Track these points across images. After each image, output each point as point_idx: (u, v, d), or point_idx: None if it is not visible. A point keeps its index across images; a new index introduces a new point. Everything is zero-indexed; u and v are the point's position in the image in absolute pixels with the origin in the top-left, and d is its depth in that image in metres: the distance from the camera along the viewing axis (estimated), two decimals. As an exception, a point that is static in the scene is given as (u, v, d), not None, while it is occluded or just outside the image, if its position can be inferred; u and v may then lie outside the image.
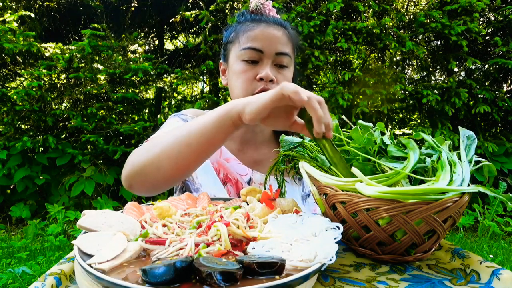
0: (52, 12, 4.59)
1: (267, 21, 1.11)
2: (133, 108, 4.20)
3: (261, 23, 1.10)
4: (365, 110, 3.69)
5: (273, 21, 1.12)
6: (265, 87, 1.05)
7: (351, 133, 0.76)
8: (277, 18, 1.15)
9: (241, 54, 1.08)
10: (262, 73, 1.04)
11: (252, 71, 1.07)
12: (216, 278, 0.46)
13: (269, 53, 1.07)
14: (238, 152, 1.18)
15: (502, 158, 3.83)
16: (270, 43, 1.07)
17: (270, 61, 1.07)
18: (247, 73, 1.07)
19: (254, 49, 1.06)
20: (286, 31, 1.12)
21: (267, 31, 1.08)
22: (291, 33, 1.14)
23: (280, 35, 1.09)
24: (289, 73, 1.11)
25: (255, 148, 1.20)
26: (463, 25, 3.64)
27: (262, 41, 1.07)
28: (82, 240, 0.57)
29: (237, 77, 1.09)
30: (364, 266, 0.65)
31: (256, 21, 1.11)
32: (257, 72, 1.06)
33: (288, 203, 0.73)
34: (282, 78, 1.09)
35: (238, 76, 1.09)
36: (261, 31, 1.08)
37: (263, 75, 1.04)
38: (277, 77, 1.07)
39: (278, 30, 1.10)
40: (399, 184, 0.66)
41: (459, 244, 3.22)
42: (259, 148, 1.21)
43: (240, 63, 1.08)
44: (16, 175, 3.66)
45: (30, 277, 2.33)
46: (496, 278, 0.58)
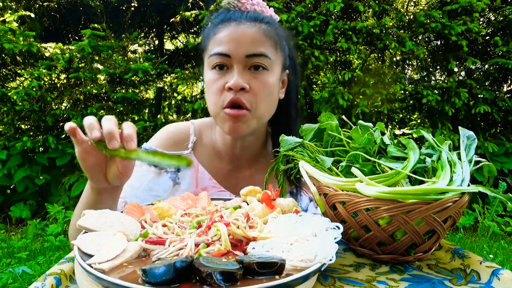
0: (52, 12, 4.59)
1: (239, 18, 0.96)
2: (133, 108, 4.20)
3: (230, 22, 0.95)
4: (365, 110, 3.69)
5: (246, 18, 0.96)
6: (235, 97, 0.91)
7: (351, 133, 0.76)
8: (253, 13, 0.98)
9: (209, 62, 0.95)
10: (230, 81, 0.91)
11: (220, 80, 0.93)
12: (216, 278, 0.46)
13: (238, 56, 0.92)
14: (229, 173, 1.08)
15: (502, 158, 3.83)
16: (238, 45, 0.92)
17: (241, 65, 0.92)
18: (216, 83, 0.94)
19: (220, 54, 0.92)
20: (263, 26, 0.96)
21: (236, 30, 0.93)
22: (271, 29, 0.98)
23: (252, 33, 0.93)
24: (270, 76, 0.95)
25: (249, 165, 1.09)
26: (463, 25, 3.64)
27: (229, 43, 0.92)
28: (82, 240, 0.57)
29: (208, 89, 0.97)
30: (364, 266, 0.65)
31: (226, 21, 0.97)
32: (227, 80, 0.92)
33: (288, 203, 0.73)
34: (258, 84, 0.93)
35: (208, 88, 0.97)
36: (228, 32, 0.94)
37: (231, 84, 0.90)
38: (251, 84, 0.93)
39: (250, 27, 0.94)
40: (399, 184, 0.66)
41: (459, 244, 3.22)
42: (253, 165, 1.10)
43: (210, 72, 0.96)
44: (16, 175, 3.66)
45: (30, 277, 2.33)
46: (496, 278, 0.58)
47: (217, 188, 1.06)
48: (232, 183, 1.08)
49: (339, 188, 0.66)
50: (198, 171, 1.07)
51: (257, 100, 0.94)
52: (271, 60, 0.95)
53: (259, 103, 0.94)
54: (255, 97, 0.93)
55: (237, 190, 1.03)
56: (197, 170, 1.08)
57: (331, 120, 0.80)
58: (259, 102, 0.94)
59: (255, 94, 0.93)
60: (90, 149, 0.74)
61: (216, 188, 1.06)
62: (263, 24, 0.96)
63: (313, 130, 0.82)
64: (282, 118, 1.07)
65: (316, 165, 0.74)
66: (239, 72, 0.92)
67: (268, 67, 0.95)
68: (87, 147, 0.74)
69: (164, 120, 4.21)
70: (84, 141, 0.73)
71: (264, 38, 0.94)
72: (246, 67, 0.93)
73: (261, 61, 0.93)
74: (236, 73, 0.92)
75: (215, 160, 1.10)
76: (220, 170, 1.08)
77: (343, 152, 0.76)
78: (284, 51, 1.02)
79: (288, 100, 1.07)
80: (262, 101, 0.95)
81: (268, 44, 0.95)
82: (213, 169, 1.08)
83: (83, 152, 0.74)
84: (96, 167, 0.76)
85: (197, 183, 1.06)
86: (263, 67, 0.94)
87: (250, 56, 0.93)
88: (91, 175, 0.78)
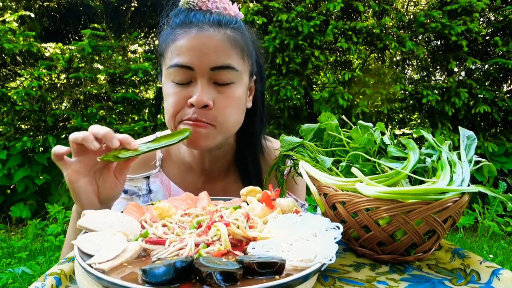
0: (52, 12, 4.59)
1: (201, 22, 0.85)
2: (133, 108, 4.20)
3: (191, 27, 0.84)
4: (365, 110, 3.69)
5: (209, 21, 0.85)
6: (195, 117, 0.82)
7: (351, 133, 0.76)
8: (217, 16, 0.87)
9: (168, 72, 0.85)
10: (193, 97, 0.82)
11: (181, 93, 0.84)
12: (216, 278, 0.46)
13: (202, 69, 0.82)
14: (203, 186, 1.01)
15: (502, 158, 3.83)
16: (202, 55, 0.82)
17: (205, 79, 0.83)
18: (176, 97, 0.84)
19: (181, 66, 0.82)
20: (228, 32, 0.85)
21: (198, 39, 0.82)
22: (237, 34, 0.88)
23: (216, 41, 0.83)
24: (236, 90, 0.87)
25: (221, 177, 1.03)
26: (463, 25, 3.64)
27: (191, 53, 0.82)
28: (82, 240, 0.57)
29: (166, 100, 0.87)
30: (364, 266, 0.65)
31: (186, 26, 0.85)
32: (189, 94, 0.83)
33: (288, 203, 0.73)
34: (225, 99, 0.85)
35: (166, 99, 0.87)
36: (189, 40, 0.83)
37: (193, 101, 0.81)
38: (216, 100, 0.84)
39: (215, 34, 0.83)
40: (399, 184, 0.66)
41: (459, 244, 3.22)
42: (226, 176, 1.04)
43: (169, 83, 0.86)
44: (16, 175, 3.66)
45: (30, 277, 2.33)
46: (496, 278, 0.58)
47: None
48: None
49: (339, 188, 0.66)
50: (170, 189, 1.02)
51: (222, 117, 0.86)
52: (238, 72, 0.86)
53: (225, 119, 0.87)
54: (220, 114, 0.85)
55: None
56: (169, 188, 1.02)
57: (331, 120, 0.80)
58: (224, 118, 0.86)
59: (219, 110, 0.85)
60: (79, 168, 0.73)
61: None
62: (228, 29, 0.86)
63: (313, 130, 0.82)
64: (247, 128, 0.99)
65: (316, 165, 0.74)
66: (202, 87, 0.83)
67: (235, 80, 0.86)
68: (76, 167, 0.73)
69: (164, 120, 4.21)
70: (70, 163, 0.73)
71: (230, 47, 0.85)
72: (210, 80, 0.84)
73: (227, 75, 0.84)
74: (200, 88, 0.82)
75: (186, 175, 1.03)
76: (193, 185, 1.02)
77: (343, 152, 0.76)
78: (251, 57, 0.93)
79: (255, 108, 0.99)
80: (228, 116, 0.87)
81: (235, 54, 0.86)
82: (186, 184, 1.02)
83: (73, 173, 0.73)
84: (88, 186, 0.75)
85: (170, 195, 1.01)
86: (229, 82, 0.85)
87: (215, 68, 0.83)
88: (83, 196, 0.75)
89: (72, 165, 0.73)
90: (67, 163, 0.73)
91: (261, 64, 1.00)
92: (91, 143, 0.70)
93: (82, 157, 0.74)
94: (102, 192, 0.77)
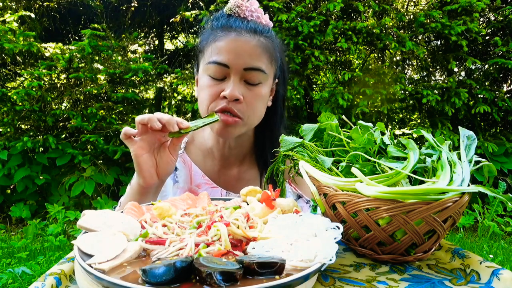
0: (52, 12, 4.59)
1: (239, 28, 0.98)
2: (133, 108, 4.20)
3: (231, 31, 0.98)
4: (365, 110, 3.69)
5: (247, 28, 0.98)
6: (227, 106, 0.96)
7: (351, 133, 0.76)
8: (253, 24, 1.00)
9: (207, 67, 0.99)
10: (226, 91, 0.95)
11: (216, 86, 0.97)
12: (216, 278, 0.46)
13: (236, 68, 0.95)
14: (220, 170, 1.14)
15: (502, 158, 3.83)
16: (238, 57, 0.95)
17: (238, 77, 0.96)
18: (211, 89, 0.98)
19: (219, 63, 0.96)
20: (262, 39, 0.99)
21: (236, 42, 0.96)
22: (269, 41, 1.01)
23: (251, 46, 0.96)
24: (262, 89, 1.00)
25: (237, 164, 1.15)
26: (463, 25, 3.64)
27: (229, 54, 0.95)
28: (82, 240, 0.57)
29: (202, 92, 1.01)
30: (364, 266, 0.65)
31: (226, 29, 0.98)
32: (223, 88, 0.96)
33: (288, 203, 0.73)
34: (252, 96, 0.98)
35: (203, 91, 1.00)
36: (228, 42, 0.96)
37: (226, 94, 0.94)
38: (245, 96, 0.97)
39: (250, 39, 0.97)
40: (399, 184, 0.66)
41: (459, 244, 3.22)
42: (242, 164, 1.15)
43: (206, 77, 0.99)
44: (16, 175, 3.66)
45: (30, 277, 2.33)
46: (496, 278, 0.58)
47: (209, 184, 1.12)
48: (223, 180, 1.14)
49: (339, 188, 0.66)
50: (191, 169, 1.14)
51: (249, 111, 0.99)
52: (266, 74, 0.99)
53: (251, 113, 1.00)
54: (247, 108, 0.99)
55: (227, 187, 1.13)
56: (190, 168, 1.14)
57: (331, 120, 0.80)
58: (250, 112, 1.00)
59: (247, 105, 0.98)
60: (143, 145, 0.89)
61: (208, 184, 1.12)
62: (261, 37, 0.99)
63: (313, 130, 0.82)
64: (265, 125, 1.12)
65: (316, 165, 0.74)
66: (235, 83, 0.96)
67: (263, 81, 1.00)
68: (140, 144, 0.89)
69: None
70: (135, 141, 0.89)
71: (262, 52, 0.98)
72: (242, 78, 0.97)
73: (257, 76, 0.98)
74: (233, 84, 0.95)
75: (207, 159, 1.15)
76: (211, 168, 1.14)
77: (343, 152, 0.76)
78: (277, 62, 1.06)
79: (275, 108, 1.12)
80: (254, 111, 1.01)
81: (265, 58, 0.99)
82: (205, 167, 1.14)
83: (138, 149, 0.89)
84: (149, 160, 0.90)
85: (191, 180, 1.12)
86: (257, 82, 0.98)
87: (248, 69, 0.96)
88: (145, 169, 0.90)
89: (137, 142, 0.89)
90: (133, 140, 0.89)
91: (284, 70, 1.13)
92: (155, 122, 0.85)
93: (145, 135, 0.89)
94: (160, 167, 0.92)
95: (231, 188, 1.13)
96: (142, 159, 0.89)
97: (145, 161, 0.89)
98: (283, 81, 1.13)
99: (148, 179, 0.91)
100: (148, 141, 0.90)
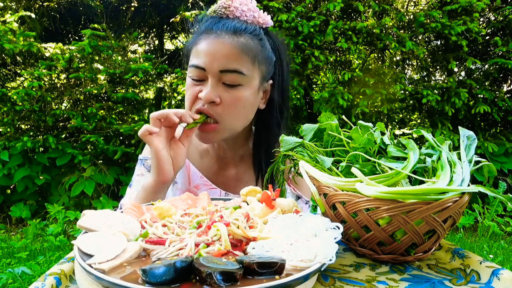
0: (52, 12, 4.59)
1: (220, 30, 0.97)
2: (133, 108, 4.19)
3: (211, 34, 0.97)
4: (365, 110, 3.69)
5: (227, 29, 0.97)
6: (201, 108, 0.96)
7: (351, 133, 0.76)
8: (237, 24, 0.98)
9: (189, 70, 1.01)
10: (202, 93, 0.95)
11: (195, 88, 0.99)
12: (216, 278, 0.46)
13: (212, 70, 0.95)
14: (218, 171, 1.14)
15: (502, 158, 3.83)
16: (213, 59, 0.94)
17: (215, 79, 0.95)
18: (191, 90, 1.00)
19: (196, 66, 0.96)
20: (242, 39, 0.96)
21: (213, 44, 0.95)
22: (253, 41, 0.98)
23: (228, 48, 0.94)
24: (244, 91, 0.97)
25: (235, 165, 1.15)
26: (463, 25, 3.64)
27: (205, 56, 0.95)
28: (82, 240, 0.57)
29: (186, 93, 1.03)
30: (364, 266, 0.65)
31: (207, 32, 0.98)
32: (201, 90, 0.97)
33: (288, 203, 0.73)
34: (231, 98, 0.96)
35: (186, 93, 1.03)
36: (206, 45, 0.96)
37: (201, 95, 0.95)
38: (224, 98, 0.96)
39: (228, 41, 0.95)
40: (399, 184, 0.66)
41: (459, 244, 3.22)
42: (239, 164, 1.15)
43: (188, 79, 1.01)
44: (16, 175, 3.66)
45: (30, 277, 2.33)
46: (496, 278, 0.58)
47: (208, 185, 1.12)
48: (221, 181, 1.14)
49: (339, 188, 0.66)
50: (189, 170, 1.14)
51: (227, 113, 0.98)
52: (245, 75, 0.96)
53: (229, 116, 0.99)
54: (225, 110, 0.98)
55: (226, 187, 1.12)
56: (189, 169, 1.14)
57: (331, 120, 0.80)
58: (228, 115, 0.99)
59: (226, 107, 0.97)
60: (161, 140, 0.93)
61: (207, 185, 1.12)
62: (242, 37, 0.96)
63: (313, 130, 0.82)
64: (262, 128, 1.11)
65: (316, 165, 0.74)
66: (212, 85, 0.96)
67: (243, 83, 0.97)
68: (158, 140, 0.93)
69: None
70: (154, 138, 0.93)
71: (240, 53, 0.95)
72: (220, 81, 0.96)
73: (234, 78, 0.96)
74: (209, 86, 0.96)
75: (204, 160, 1.16)
76: (209, 169, 1.15)
77: (343, 152, 0.76)
78: (266, 63, 1.02)
79: (270, 110, 1.09)
80: (233, 114, 0.99)
81: (244, 60, 0.96)
82: (203, 168, 1.15)
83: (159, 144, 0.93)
84: (167, 156, 0.94)
85: (189, 181, 1.13)
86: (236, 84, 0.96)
87: (224, 71, 0.95)
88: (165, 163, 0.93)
89: (156, 139, 0.93)
90: (152, 137, 0.92)
91: (283, 69, 1.10)
92: (173, 116, 0.92)
93: (161, 130, 0.94)
94: (175, 161, 0.96)
95: (230, 188, 1.13)
96: (162, 154, 0.92)
97: (164, 156, 0.93)
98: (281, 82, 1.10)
99: (167, 174, 0.94)
100: (164, 136, 0.94)
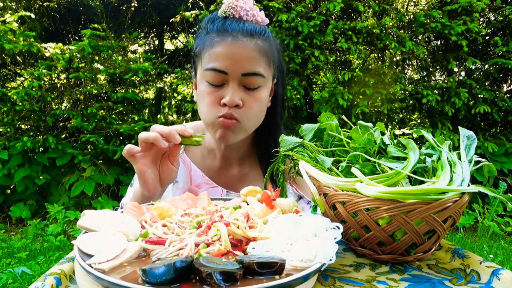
0: (52, 12, 4.59)
1: (235, 32, 0.96)
2: (133, 108, 4.19)
3: (227, 36, 0.95)
4: (365, 110, 3.69)
5: (243, 31, 0.96)
6: (228, 112, 0.95)
7: (351, 133, 0.76)
8: (250, 26, 0.98)
9: (204, 74, 0.97)
10: (226, 98, 0.94)
11: (216, 94, 0.96)
12: (216, 278, 0.46)
13: (234, 74, 0.94)
14: (220, 170, 1.14)
15: (502, 158, 3.83)
16: (235, 63, 0.93)
17: (236, 83, 0.95)
18: (211, 96, 0.97)
19: (217, 70, 0.94)
20: (259, 42, 0.97)
21: (233, 48, 0.94)
22: (266, 43, 0.99)
23: (249, 51, 0.95)
24: (262, 93, 0.99)
25: (238, 164, 1.15)
26: (463, 25, 3.64)
27: (226, 60, 0.94)
28: (82, 240, 0.57)
29: (202, 99, 1.00)
30: (364, 266, 0.65)
31: (222, 34, 0.96)
32: (222, 95, 0.95)
33: (288, 203, 0.73)
34: (252, 100, 0.97)
35: (202, 98, 0.99)
36: (225, 47, 0.94)
37: (226, 101, 0.94)
38: (245, 101, 0.96)
39: (247, 44, 0.95)
40: (399, 184, 0.66)
41: (459, 244, 3.22)
42: (242, 163, 1.15)
43: (204, 83, 0.98)
44: (16, 175, 3.66)
45: (30, 277, 2.33)
46: (496, 278, 0.58)
47: (209, 184, 1.12)
48: (223, 180, 1.14)
49: (339, 188, 0.66)
50: (191, 169, 1.14)
51: (248, 115, 0.98)
52: (264, 77, 0.98)
53: (250, 117, 0.99)
54: (247, 112, 0.98)
55: (228, 186, 1.13)
56: (190, 168, 1.15)
57: (331, 120, 0.80)
58: (250, 116, 0.99)
59: (247, 109, 0.97)
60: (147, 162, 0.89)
61: (208, 184, 1.12)
62: (258, 39, 0.98)
63: (313, 130, 0.82)
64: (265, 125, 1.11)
65: (316, 165, 0.74)
66: (234, 89, 0.95)
67: (262, 84, 0.98)
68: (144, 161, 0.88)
69: (164, 120, 4.21)
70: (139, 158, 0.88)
71: (260, 55, 0.96)
72: (240, 84, 0.96)
73: (255, 80, 0.96)
74: (232, 90, 0.94)
75: (206, 159, 1.16)
76: (211, 168, 1.14)
77: (343, 152, 0.76)
78: (275, 63, 1.04)
79: (274, 108, 1.11)
80: (253, 115, 1.00)
81: (263, 61, 0.97)
82: (205, 167, 1.14)
83: (142, 166, 0.88)
84: (153, 175, 0.90)
85: (190, 180, 1.13)
86: (256, 87, 0.97)
87: (246, 75, 0.95)
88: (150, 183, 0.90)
89: (141, 159, 0.88)
90: (136, 158, 0.88)
91: (283, 69, 1.11)
92: (161, 142, 0.85)
93: (148, 152, 0.89)
94: (163, 178, 0.92)
95: (232, 187, 1.13)
96: (147, 175, 0.89)
97: (150, 176, 0.89)
98: (282, 80, 1.13)
99: (152, 190, 0.91)
100: (151, 157, 0.90)
